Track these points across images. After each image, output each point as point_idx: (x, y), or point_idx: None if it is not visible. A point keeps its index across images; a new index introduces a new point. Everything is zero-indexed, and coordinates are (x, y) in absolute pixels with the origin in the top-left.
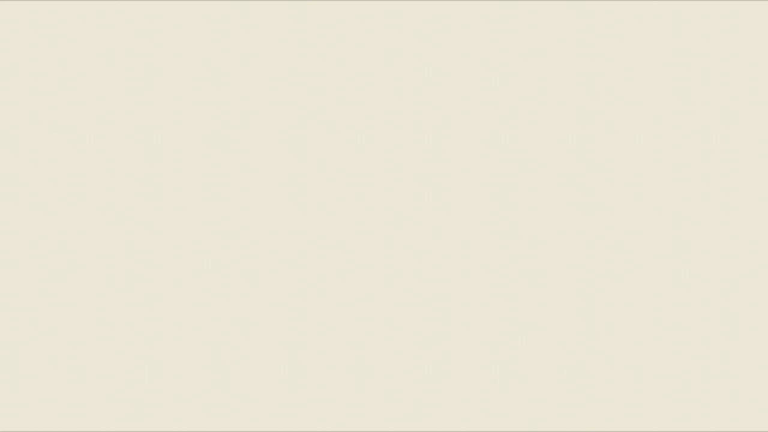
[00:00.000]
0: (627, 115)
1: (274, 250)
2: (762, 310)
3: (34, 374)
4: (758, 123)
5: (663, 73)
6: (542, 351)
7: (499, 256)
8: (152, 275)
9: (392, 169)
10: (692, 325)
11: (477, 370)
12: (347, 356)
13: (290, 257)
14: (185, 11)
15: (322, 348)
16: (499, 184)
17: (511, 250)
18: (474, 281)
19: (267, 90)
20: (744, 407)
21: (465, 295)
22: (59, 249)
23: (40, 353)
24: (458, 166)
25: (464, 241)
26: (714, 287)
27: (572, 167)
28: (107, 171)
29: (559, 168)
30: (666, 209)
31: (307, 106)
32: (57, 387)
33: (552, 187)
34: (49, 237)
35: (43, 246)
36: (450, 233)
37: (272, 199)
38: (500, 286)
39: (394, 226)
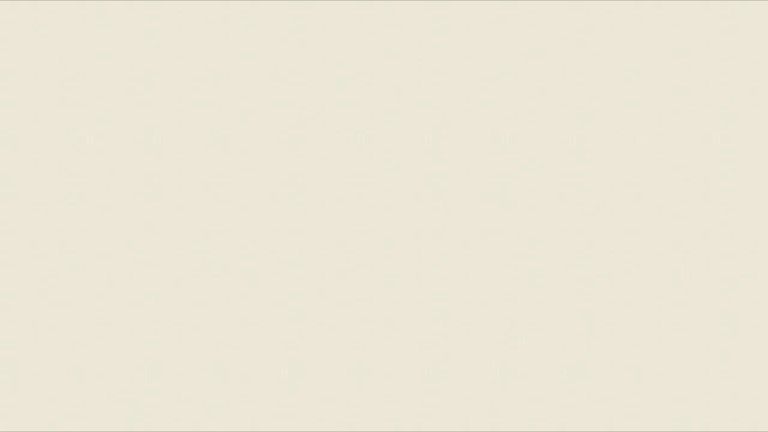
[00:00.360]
0: (627, 115)
1: (274, 250)
2: (762, 310)
3: (34, 374)
4: (758, 123)
5: (663, 73)
6: (542, 351)
7: (499, 256)
8: (152, 275)
9: (392, 169)
10: (692, 325)
11: (477, 370)
12: (347, 356)
13: (290, 257)
14: (185, 11)
15: (322, 348)
16: (499, 184)
17: (511, 250)
18: (474, 281)
19: (267, 90)
20: (744, 407)
21: (465, 295)
22: (59, 249)
23: (40, 353)
24: (458, 166)
25: (464, 241)
26: (714, 287)
27: (572, 167)
28: (107, 171)
29: (559, 168)
30: (666, 209)
31: (307, 106)
32: (57, 387)
33: (552, 187)
34: (49, 237)
35: (43, 246)
36: (450, 233)
37: (272, 199)
38: (500, 286)
39: (394, 226)
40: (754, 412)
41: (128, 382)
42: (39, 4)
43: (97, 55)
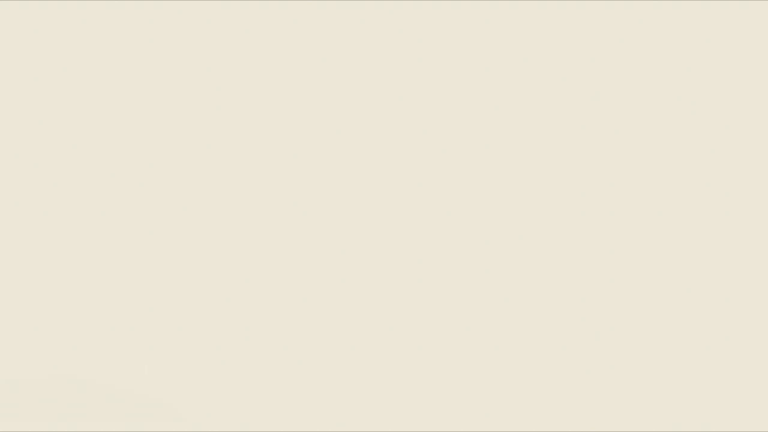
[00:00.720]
0: (627, 115)
1: (274, 250)
2: (762, 310)
3: (33, 374)
4: (758, 123)
5: (664, 73)
6: (542, 351)
7: (499, 256)
8: (152, 275)
9: (392, 169)
10: (692, 325)
11: (477, 370)
12: (347, 356)
13: (290, 257)
14: (185, 11)
15: (322, 348)
16: (499, 184)
17: (511, 250)
18: (475, 281)
19: (267, 90)
20: (744, 407)
21: (465, 295)
22: (59, 249)
23: (40, 353)
24: (458, 166)
25: (464, 241)
26: (714, 287)
27: (572, 167)
28: (107, 171)
29: (559, 168)
30: (666, 209)
31: (307, 106)
32: (57, 386)
33: (552, 188)
34: (49, 237)
35: (43, 246)
36: (450, 233)
37: (272, 199)
38: (500, 286)
39: (394, 226)
40: (754, 412)
41: (128, 382)
42: (39, 4)
43: (97, 55)
